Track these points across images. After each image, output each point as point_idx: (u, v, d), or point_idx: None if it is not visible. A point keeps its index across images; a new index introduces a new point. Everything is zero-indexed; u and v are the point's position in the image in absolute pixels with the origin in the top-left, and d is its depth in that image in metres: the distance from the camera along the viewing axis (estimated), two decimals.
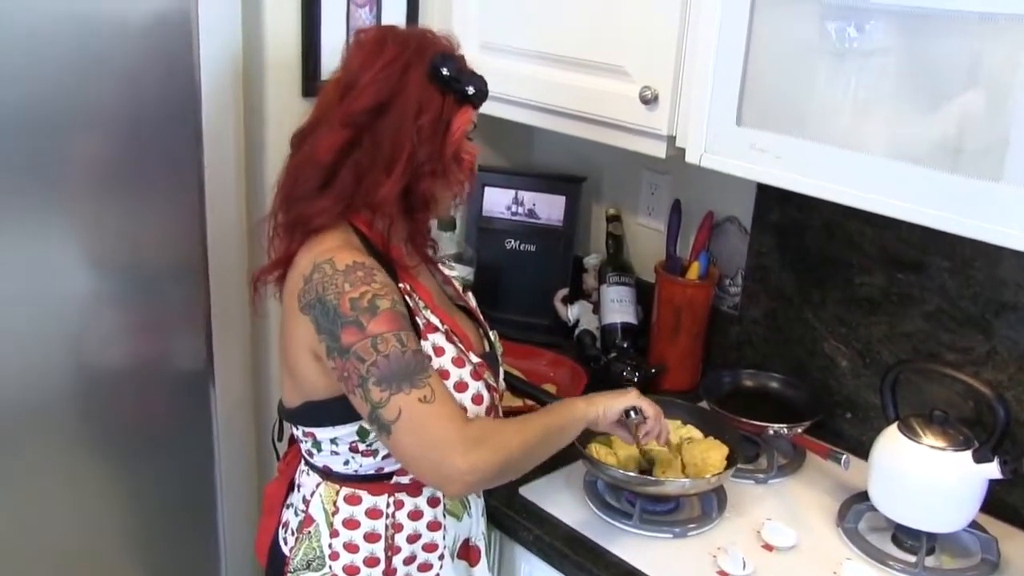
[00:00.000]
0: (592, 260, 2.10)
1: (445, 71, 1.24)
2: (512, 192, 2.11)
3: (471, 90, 1.26)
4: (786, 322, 1.83)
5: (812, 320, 1.78)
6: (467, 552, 1.44)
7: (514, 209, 2.12)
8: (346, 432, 1.26)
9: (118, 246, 1.57)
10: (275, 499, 1.45)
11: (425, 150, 1.23)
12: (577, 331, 2.03)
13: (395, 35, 1.27)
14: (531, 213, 2.11)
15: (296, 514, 1.38)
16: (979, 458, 1.37)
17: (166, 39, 1.51)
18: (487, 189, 2.11)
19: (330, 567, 1.33)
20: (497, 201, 2.12)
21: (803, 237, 1.77)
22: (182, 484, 1.77)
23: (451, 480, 1.17)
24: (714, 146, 1.42)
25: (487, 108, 1.79)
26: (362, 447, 1.28)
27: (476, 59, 1.78)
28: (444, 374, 1.26)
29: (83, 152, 1.49)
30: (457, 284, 1.50)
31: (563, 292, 2.08)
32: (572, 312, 2.06)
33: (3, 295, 1.46)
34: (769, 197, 1.81)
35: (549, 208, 2.10)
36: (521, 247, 2.11)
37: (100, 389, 1.62)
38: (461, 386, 1.28)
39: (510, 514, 1.49)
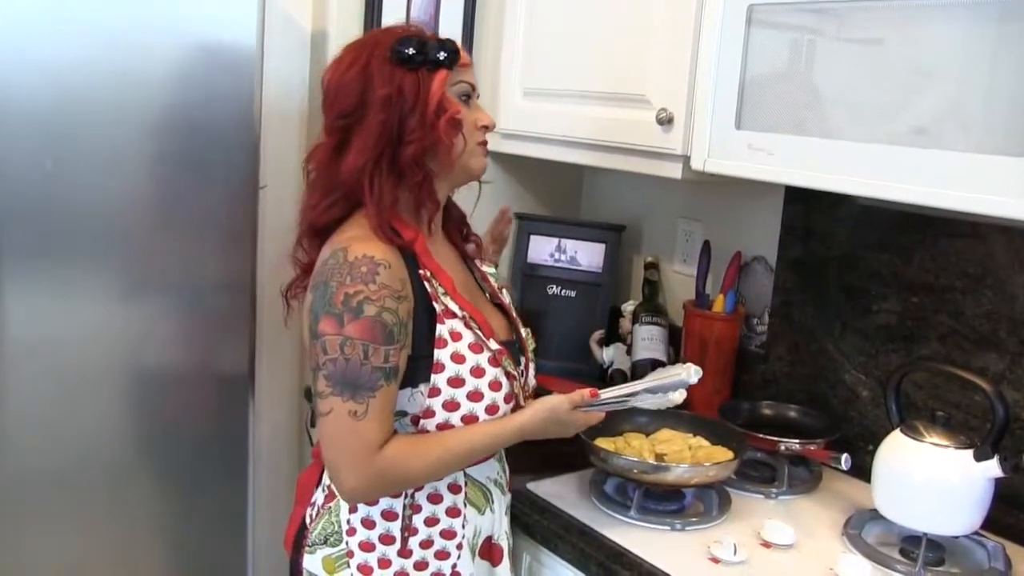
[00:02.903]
0: (629, 306, 2.17)
1: (407, 51, 1.28)
2: (556, 240, 2.23)
3: (441, 55, 1.29)
4: (809, 355, 1.85)
5: (833, 352, 1.80)
6: (489, 551, 1.43)
7: (557, 256, 2.23)
8: None
9: (174, 263, 1.68)
10: (307, 487, 1.47)
11: (408, 123, 1.28)
12: (610, 371, 2.09)
13: (353, 43, 1.35)
14: (573, 260, 2.22)
15: (323, 491, 1.41)
16: (979, 456, 1.35)
17: (231, 66, 1.65)
18: (532, 237, 2.24)
19: (347, 543, 1.36)
20: (541, 248, 2.24)
21: (824, 270, 1.82)
22: (218, 488, 1.83)
23: (338, 487, 1.29)
24: (716, 151, 1.52)
25: (531, 150, 1.98)
26: None
27: (519, 105, 1.99)
28: (460, 358, 1.30)
29: (143, 175, 1.62)
30: (494, 282, 1.53)
31: (599, 334, 2.14)
32: (607, 354, 2.12)
33: (65, 307, 1.60)
34: (793, 234, 1.87)
35: (590, 256, 2.20)
36: (562, 292, 2.21)
37: (147, 392, 1.72)
38: (478, 372, 1.31)
39: (517, 505, 1.53)
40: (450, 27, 1.99)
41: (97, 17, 1.53)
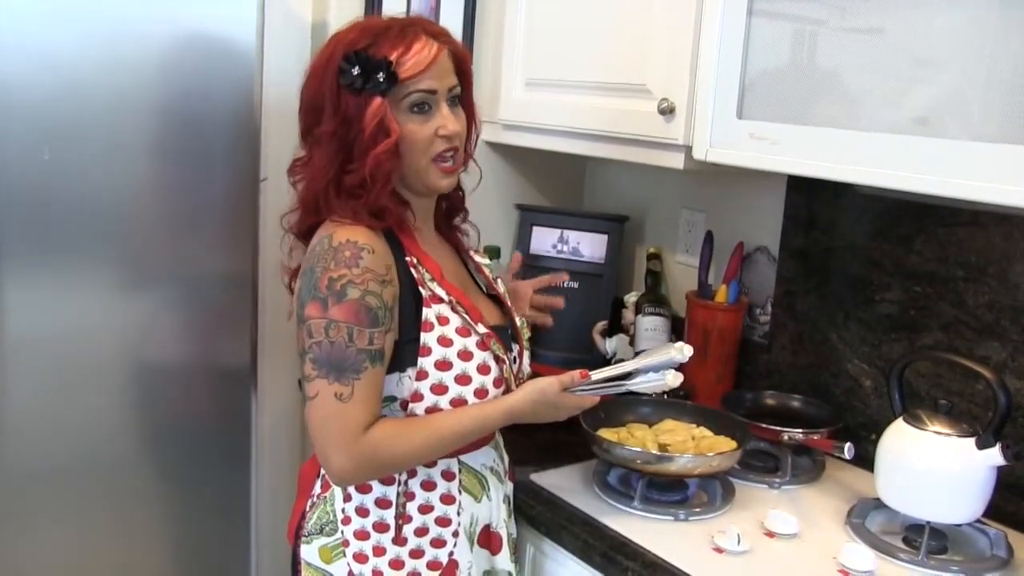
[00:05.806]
0: (632, 297, 2.17)
1: (350, 74, 1.27)
2: (558, 231, 2.23)
3: (380, 77, 1.27)
4: (812, 345, 1.85)
5: (836, 342, 1.80)
6: (488, 539, 1.43)
7: (559, 247, 2.23)
8: None
9: (174, 256, 1.68)
10: (308, 478, 1.48)
11: (352, 151, 1.29)
12: (613, 362, 2.08)
13: (319, 52, 1.33)
14: (575, 251, 2.21)
15: (321, 481, 1.41)
16: (982, 444, 1.35)
17: (231, 57, 1.64)
18: (534, 228, 2.23)
19: (342, 532, 1.37)
20: (544, 239, 2.23)
21: (827, 260, 1.81)
22: (220, 480, 1.83)
23: (328, 470, 1.30)
24: (718, 140, 1.52)
25: (533, 141, 1.97)
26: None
27: (521, 96, 1.98)
28: (447, 342, 1.31)
29: (144, 167, 1.62)
30: (488, 272, 1.54)
31: (602, 325, 2.14)
32: (610, 345, 2.12)
33: (64, 301, 1.60)
34: (795, 224, 1.87)
35: (592, 247, 2.20)
36: (565, 284, 2.20)
37: (148, 385, 1.71)
38: (466, 355, 1.32)
39: (520, 496, 1.54)
40: (451, 17, 1.99)
41: (97, 8, 1.52)
